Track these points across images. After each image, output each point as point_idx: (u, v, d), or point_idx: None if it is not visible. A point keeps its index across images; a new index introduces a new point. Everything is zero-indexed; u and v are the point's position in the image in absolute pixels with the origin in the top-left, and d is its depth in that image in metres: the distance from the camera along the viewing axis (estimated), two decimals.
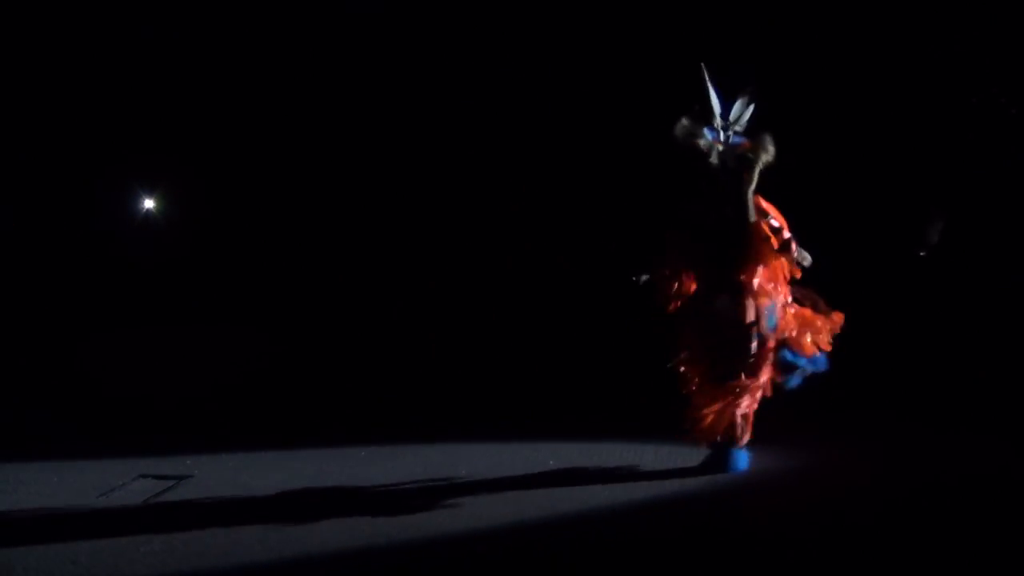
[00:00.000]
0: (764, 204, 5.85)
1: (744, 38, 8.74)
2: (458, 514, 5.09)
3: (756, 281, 5.73)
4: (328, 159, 9.40)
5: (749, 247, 5.74)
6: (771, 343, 5.73)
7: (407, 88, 9.21)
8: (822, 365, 5.86)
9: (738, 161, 5.78)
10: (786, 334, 5.76)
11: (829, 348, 5.83)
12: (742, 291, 5.69)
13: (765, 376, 5.73)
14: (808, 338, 5.79)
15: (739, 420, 5.72)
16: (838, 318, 5.86)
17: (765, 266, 5.76)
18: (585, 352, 8.68)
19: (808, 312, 5.86)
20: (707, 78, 5.82)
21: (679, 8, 8.85)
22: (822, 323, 5.84)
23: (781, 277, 5.82)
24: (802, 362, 5.79)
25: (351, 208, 9.37)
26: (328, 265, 9.38)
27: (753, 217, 5.76)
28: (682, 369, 5.80)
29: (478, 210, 9.27)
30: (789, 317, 5.79)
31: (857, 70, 8.66)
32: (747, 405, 5.72)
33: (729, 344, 5.65)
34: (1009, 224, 8.51)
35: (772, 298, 5.75)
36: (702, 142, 5.78)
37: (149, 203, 9.58)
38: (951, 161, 8.60)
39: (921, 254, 8.80)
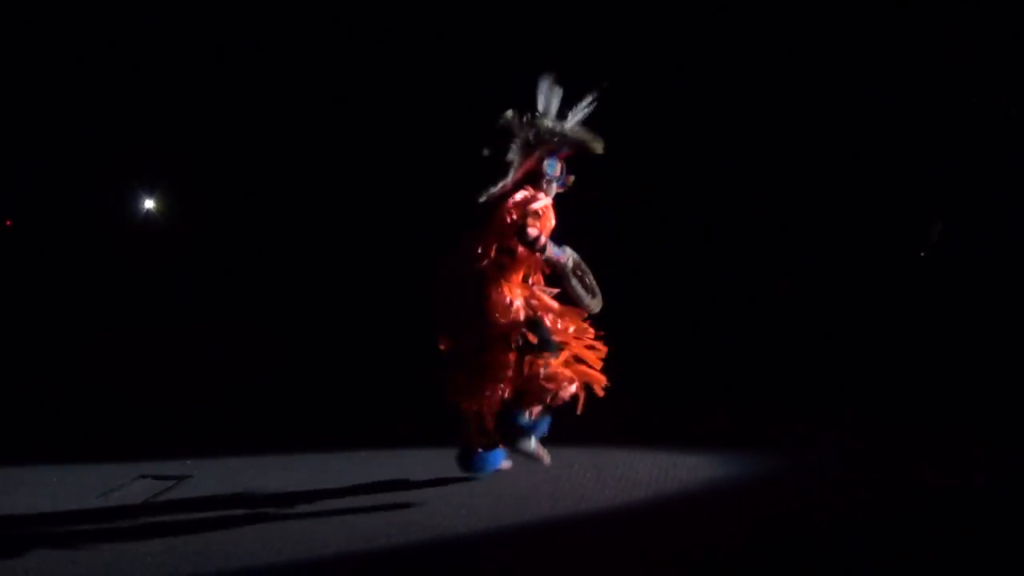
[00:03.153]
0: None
1: (742, 38, 8.76)
2: (457, 514, 5.09)
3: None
4: (329, 158, 9.40)
5: None
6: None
7: (406, 88, 9.20)
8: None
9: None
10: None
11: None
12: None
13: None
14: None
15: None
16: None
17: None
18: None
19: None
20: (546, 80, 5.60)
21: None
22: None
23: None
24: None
25: (353, 206, 9.37)
26: (329, 265, 9.38)
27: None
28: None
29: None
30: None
31: (857, 70, 8.66)
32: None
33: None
34: (1009, 224, 8.51)
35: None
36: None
37: (149, 203, 9.57)
38: (951, 161, 8.60)
39: (921, 254, 8.81)
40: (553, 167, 5.65)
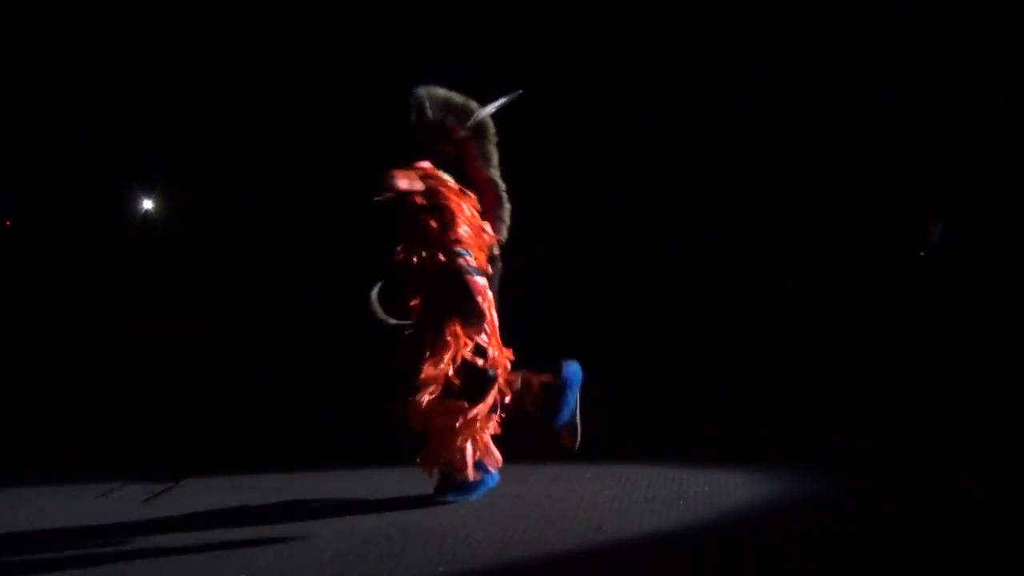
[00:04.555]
0: None
1: (742, 38, 8.76)
2: (457, 515, 5.10)
3: None
4: (329, 158, 9.38)
5: None
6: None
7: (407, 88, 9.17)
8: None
9: None
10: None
11: None
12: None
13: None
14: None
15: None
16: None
17: None
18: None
19: None
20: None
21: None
22: None
23: None
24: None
25: (353, 205, 9.34)
26: (330, 266, 9.37)
27: None
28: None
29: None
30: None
31: (857, 70, 8.66)
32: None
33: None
34: (1009, 225, 8.50)
35: None
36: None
37: (148, 203, 9.57)
38: (951, 161, 8.60)
39: (921, 255, 8.81)
40: None
